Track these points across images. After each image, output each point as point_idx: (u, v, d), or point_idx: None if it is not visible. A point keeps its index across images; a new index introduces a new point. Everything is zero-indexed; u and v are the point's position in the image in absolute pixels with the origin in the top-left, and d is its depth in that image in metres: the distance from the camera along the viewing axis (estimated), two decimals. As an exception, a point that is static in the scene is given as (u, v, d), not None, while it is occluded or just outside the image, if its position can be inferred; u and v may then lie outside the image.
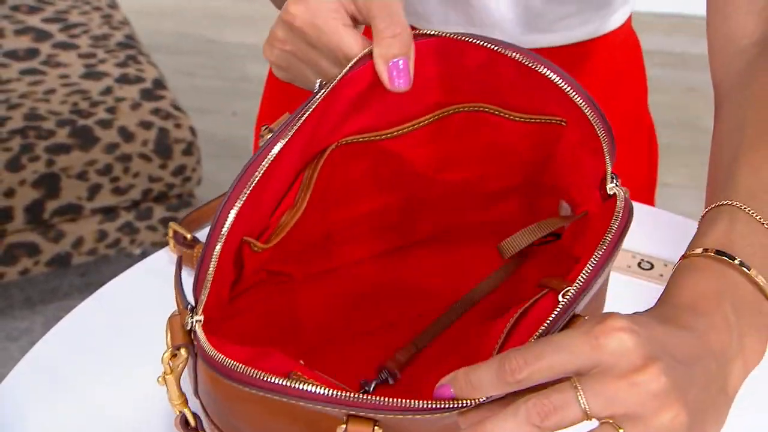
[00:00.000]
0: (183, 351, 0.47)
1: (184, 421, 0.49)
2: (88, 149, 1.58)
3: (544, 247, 0.62)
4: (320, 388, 0.42)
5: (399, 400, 0.41)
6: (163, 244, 1.53)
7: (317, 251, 0.60)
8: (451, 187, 0.61)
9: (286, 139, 0.49)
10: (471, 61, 0.54)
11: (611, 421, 0.39)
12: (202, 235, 0.72)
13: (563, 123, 0.55)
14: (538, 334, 0.43)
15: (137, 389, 0.62)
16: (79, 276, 1.88)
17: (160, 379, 0.48)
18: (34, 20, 1.85)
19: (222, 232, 0.47)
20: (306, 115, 0.50)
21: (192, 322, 0.46)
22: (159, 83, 1.73)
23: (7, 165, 1.53)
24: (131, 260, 1.90)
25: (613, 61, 0.84)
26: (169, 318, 0.48)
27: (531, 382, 0.39)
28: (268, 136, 0.51)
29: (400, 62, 0.52)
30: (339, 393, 0.42)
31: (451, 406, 0.41)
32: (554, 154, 0.57)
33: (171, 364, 0.47)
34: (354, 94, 0.53)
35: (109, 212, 1.67)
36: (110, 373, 0.63)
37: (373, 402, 0.42)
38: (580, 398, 0.39)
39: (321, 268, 0.61)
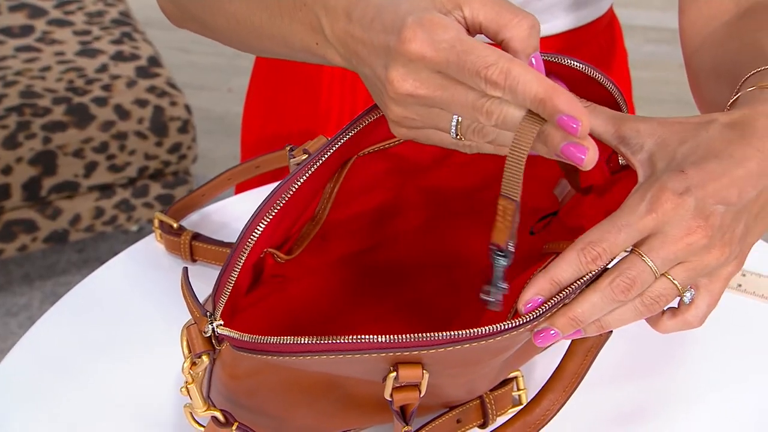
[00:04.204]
0: (204, 358, 0.48)
1: (218, 422, 0.50)
2: (83, 127, 1.59)
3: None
4: (368, 336, 0.43)
5: (468, 330, 0.43)
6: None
7: (312, 250, 0.61)
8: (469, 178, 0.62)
9: (320, 162, 0.50)
10: None
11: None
12: (188, 223, 0.73)
13: None
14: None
15: (139, 371, 0.63)
16: (76, 252, 1.90)
17: (182, 389, 0.49)
18: (29, -3, 1.85)
19: (248, 245, 0.48)
20: (344, 140, 0.51)
21: (213, 327, 0.47)
22: (154, 61, 1.74)
23: (3, 142, 1.55)
24: (128, 237, 1.92)
25: (598, 47, 0.85)
26: (185, 327, 0.50)
27: (606, 261, 0.45)
28: (303, 157, 0.51)
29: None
30: (394, 337, 0.43)
31: (524, 321, 0.44)
32: None
33: (192, 373, 0.48)
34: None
35: (105, 189, 1.68)
36: (110, 355, 0.65)
37: (438, 338, 0.42)
38: (650, 266, 0.45)
39: (313, 264, 0.62)
